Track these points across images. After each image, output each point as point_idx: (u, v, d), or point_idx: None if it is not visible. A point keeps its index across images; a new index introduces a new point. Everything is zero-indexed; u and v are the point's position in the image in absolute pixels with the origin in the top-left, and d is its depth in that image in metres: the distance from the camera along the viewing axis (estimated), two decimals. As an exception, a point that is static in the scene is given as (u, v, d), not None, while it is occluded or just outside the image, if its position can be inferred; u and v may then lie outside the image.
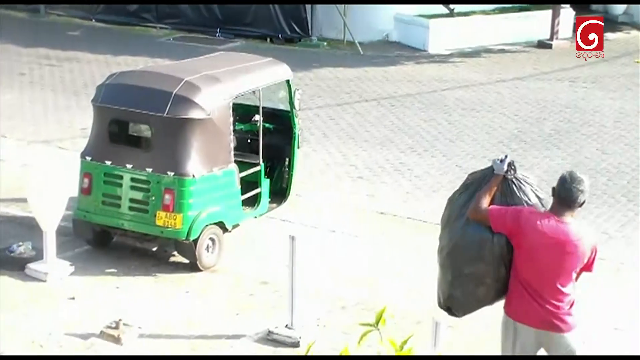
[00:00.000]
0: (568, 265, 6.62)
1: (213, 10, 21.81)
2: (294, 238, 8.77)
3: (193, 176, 10.02)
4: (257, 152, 11.12)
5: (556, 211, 6.64)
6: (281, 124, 11.73)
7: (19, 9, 23.22)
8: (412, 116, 16.29)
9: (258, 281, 10.10)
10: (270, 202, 11.37)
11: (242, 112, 11.59)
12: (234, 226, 10.76)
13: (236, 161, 10.61)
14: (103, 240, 10.70)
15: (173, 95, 10.07)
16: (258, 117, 11.26)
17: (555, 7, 21.53)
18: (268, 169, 11.47)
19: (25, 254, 10.27)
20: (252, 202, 11.05)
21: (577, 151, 14.57)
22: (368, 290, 9.95)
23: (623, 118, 16.38)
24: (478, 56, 20.73)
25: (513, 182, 6.80)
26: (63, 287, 9.81)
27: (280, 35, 21.42)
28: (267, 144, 11.28)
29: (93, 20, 22.75)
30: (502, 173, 6.78)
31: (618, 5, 24.09)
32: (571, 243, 6.59)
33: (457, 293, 6.89)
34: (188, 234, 10.02)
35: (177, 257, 10.43)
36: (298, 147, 11.75)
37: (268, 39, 21.47)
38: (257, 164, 11.07)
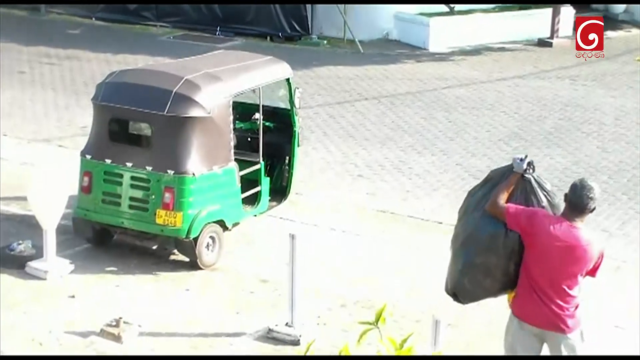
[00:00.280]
0: (576, 268, 6.85)
1: (213, 8, 21.79)
2: (294, 236, 8.77)
3: (193, 174, 10.02)
4: (257, 151, 11.11)
5: (568, 216, 6.87)
6: (281, 123, 11.72)
7: (20, 7, 23.20)
8: (413, 114, 16.28)
9: (258, 279, 10.10)
10: (270, 201, 11.36)
11: (242, 111, 11.59)
12: (234, 224, 10.76)
13: (236, 159, 10.60)
14: (103, 238, 10.70)
15: (173, 93, 10.06)
16: (258, 116, 11.26)
17: (555, 6, 21.52)
18: (268, 168, 11.46)
19: (25, 252, 10.27)
20: (252, 201, 11.04)
21: (578, 149, 14.57)
22: (368, 288, 9.95)
23: (623, 116, 16.37)
24: (478, 54, 20.72)
25: (530, 182, 7.04)
26: (63, 285, 9.81)
27: (280, 33, 21.40)
28: (267, 143, 11.27)
29: (93, 18, 22.74)
30: (521, 171, 7.03)
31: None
32: (581, 247, 6.82)
33: (466, 281, 7.09)
34: (188, 232, 10.02)
35: (177, 256, 10.43)
36: (298, 146, 11.74)
37: (268, 38, 21.45)
38: (257, 163, 11.07)
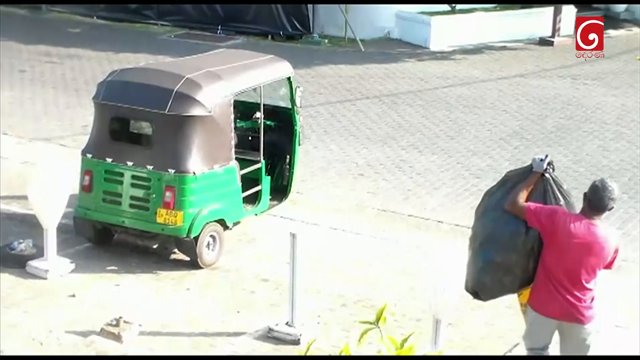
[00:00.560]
0: (594, 263, 7.13)
1: (214, 7, 21.78)
2: (295, 235, 8.76)
3: (194, 173, 10.01)
4: (258, 150, 11.11)
5: (587, 214, 7.16)
6: (282, 122, 11.72)
7: (20, 6, 23.19)
8: (414, 113, 16.27)
9: (259, 278, 10.09)
10: (271, 200, 11.36)
11: (243, 109, 11.58)
12: (235, 223, 10.75)
13: (237, 158, 10.60)
14: (104, 237, 10.69)
15: (174, 92, 10.06)
16: (259, 115, 11.26)
17: (556, 5, 21.50)
18: (269, 167, 11.45)
19: (26, 252, 10.27)
20: (253, 200, 11.04)
21: (579, 148, 14.55)
22: (368, 287, 9.94)
23: (624, 115, 16.36)
24: (479, 53, 20.71)
25: (549, 182, 7.30)
26: (64, 285, 9.80)
27: (281, 32, 21.40)
28: (268, 142, 11.27)
29: (94, 17, 22.74)
30: (542, 171, 7.29)
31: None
32: (599, 244, 7.12)
33: (487, 279, 7.32)
34: (189, 232, 10.02)
35: (178, 255, 10.43)
36: (299, 145, 11.74)
37: (269, 36, 21.45)
38: (258, 162, 11.06)
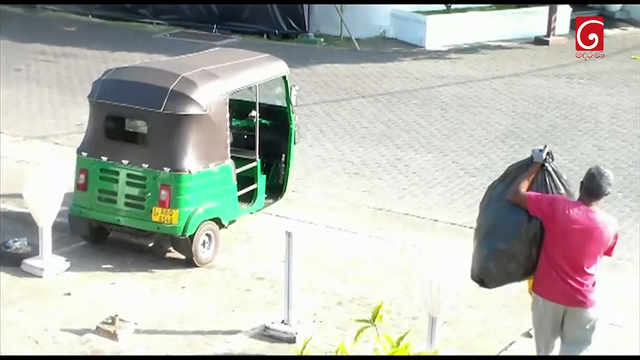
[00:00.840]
0: (594, 248, 7.34)
1: (210, 6, 21.76)
2: (291, 234, 8.76)
3: (189, 172, 10.01)
4: (254, 148, 11.10)
5: (585, 201, 7.36)
6: (278, 120, 11.72)
7: (15, 4, 23.14)
8: (409, 112, 16.28)
9: (254, 277, 10.09)
10: (266, 198, 11.35)
11: (239, 108, 11.57)
12: (231, 222, 10.75)
13: (232, 157, 10.60)
14: (99, 236, 10.69)
15: (169, 91, 10.05)
16: (255, 113, 11.25)
17: (552, 4, 21.51)
18: (264, 165, 11.46)
19: (21, 250, 10.26)
20: (249, 198, 11.04)
21: (574, 147, 14.57)
22: (364, 286, 9.95)
23: (620, 114, 16.38)
24: (475, 52, 20.71)
25: (549, 171, 7.54)
26: (59, 283, 9.79)
27: (277, 31, 21.38)
28: (264, 140, 11.27)
29: (89, 16, 22.70)
30: (541, 161, 7.52)
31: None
32: (598, 229, 7.33)
33: (492, 266, 7.55)
34: (184, 230, 10.01)
35: (174, 253, 10.42)
36: (294, 143, 11.73)
37: (265, 35, 21.43)
38: (254, 160, 11.06)
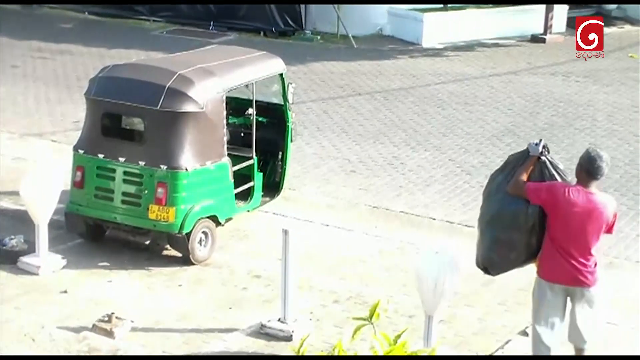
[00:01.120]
0: (596, 228, 7.59)
1: (207, 4, 21.75)
2: (287, 232, 8.75)
3: (186, 169, 10.00)
4: (251, 146, 11.10)
5: (583, 183, 7.60)
6: (274, 118, 11.71)
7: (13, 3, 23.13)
8: (406, 110, 16.28)
9: (251, 275, 10.09)
10: (263, 196, 11.35)
11: (236, 106, 11.57)
12: (227, 220, 10.74)
13: (229, 155, 10.59)
14: (95, 233, 10.67)
15: (166, 88, 10.04)
16: (251, 111, 11.25)
17: (548, 3, 21.53)
18: (261, 163, 11.45)
19: (17, 247, 10.24)
20: (245, 196, 11.04)
21: (571, 145, 14.57)
22: (361, 284, 9.94)
23: (616, 112, 16.39)
24: (472, 50, 20.72)
25: (545, 164, 7.79)
26: (55, 281, 9.78)
27: (274, 28, 21.38)
28: (261, 138, 11.26)
29: (86, 13, 22.71)
30: (537, 154, 7.79)
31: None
32: (598, 210, 7.59)
33: (494, 255, 7.88)
34: (181, 228, 10.01)
35: (170, 251, 10.41)
36: (291, 141, 11.74)
37: (262, 33, 21.43)
38: (251, 158, 11.06)
